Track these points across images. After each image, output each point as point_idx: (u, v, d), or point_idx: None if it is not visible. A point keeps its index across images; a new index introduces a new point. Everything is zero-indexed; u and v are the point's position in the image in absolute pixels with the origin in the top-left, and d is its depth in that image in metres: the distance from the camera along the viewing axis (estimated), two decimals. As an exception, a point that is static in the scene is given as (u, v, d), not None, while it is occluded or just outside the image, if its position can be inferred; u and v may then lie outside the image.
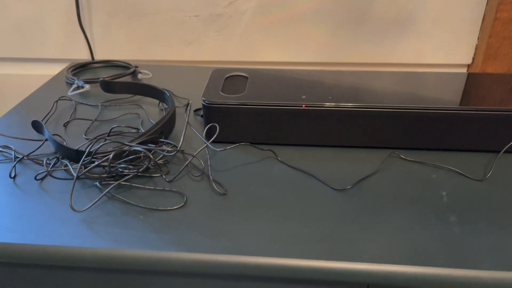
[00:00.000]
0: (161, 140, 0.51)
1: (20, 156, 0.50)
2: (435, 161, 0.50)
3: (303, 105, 0.50)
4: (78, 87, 0.69)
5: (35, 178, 0.47)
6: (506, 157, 0.51)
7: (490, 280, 0.35)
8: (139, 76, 0.74)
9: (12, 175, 0.48)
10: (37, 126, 0.52)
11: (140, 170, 0.45)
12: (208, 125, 0.51)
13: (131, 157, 0.46)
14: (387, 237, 0.39)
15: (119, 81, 0.63)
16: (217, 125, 0.50)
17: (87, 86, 0.68)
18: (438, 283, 0.36)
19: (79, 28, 0.81)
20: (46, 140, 0.52)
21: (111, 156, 0.42)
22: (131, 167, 0.45)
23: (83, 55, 0.84)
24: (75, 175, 0.44)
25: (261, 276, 0.37)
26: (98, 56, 0.84)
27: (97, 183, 0.45)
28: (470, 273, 0.35)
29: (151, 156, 0.44)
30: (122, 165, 0.45)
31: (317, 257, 0.37)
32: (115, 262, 0.38)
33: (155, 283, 0.41)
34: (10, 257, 0.38)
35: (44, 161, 0.48)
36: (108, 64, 0.80)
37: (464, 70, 0.82)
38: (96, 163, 0.44)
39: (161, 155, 0.49)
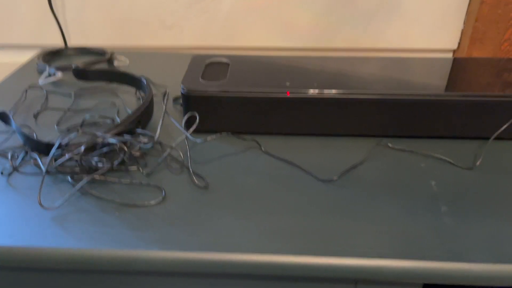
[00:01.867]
0: (138, 131, 0.48)
1: (-15, 150, 0.47)
2: (423, 150, 0.49)
3: (287, 92, 0.48)
4: (49, 75, 0.65)
5: (1, 173, 0.44)
6: (496, 144, 0.50)
7: (483, 273, 0.34)
8: (116, 63, 0.70)
9: (-24, 170, 0.44)
10: (3, 117, 0.49)
11: (115, 163, 0.42)
12: (187, 114, 0.49)
13: (105, 149, 0.43)
14: (376, 229, 0.37)
15: (93, 68, 0.60)
16: (196, 114, 0.48)
17: (59, 74, 0.64)
18: (430, 277, 0.34)
19: (50, 12, 0.76)
20: (14, 132, 0.49)
21: (82, 148, 0.39)
22: (105, 160, 0.42)
23: (55, 41, 0.80)
24: (44, 169, 0.41)
25: (245, 273, 0.36)
26: (72, 42, 0.80)
27: (68, 178, 0.42)
28: (463, 266, 0.34)
29: (125, 148, 0.41)
30: (95, 159, 0.42)
31: (302, 253, 0.35)
32: (90, 263, 0.35)
33: (133, 283, 0.39)
34: (-27, 260, 0.36)
35: (9, 155, 0.44)
36: (82, 50, 0.76)
37: (450, 55, 0.81)
38: (67, 156, 0.41)
39: (138, 146, 0.46)
